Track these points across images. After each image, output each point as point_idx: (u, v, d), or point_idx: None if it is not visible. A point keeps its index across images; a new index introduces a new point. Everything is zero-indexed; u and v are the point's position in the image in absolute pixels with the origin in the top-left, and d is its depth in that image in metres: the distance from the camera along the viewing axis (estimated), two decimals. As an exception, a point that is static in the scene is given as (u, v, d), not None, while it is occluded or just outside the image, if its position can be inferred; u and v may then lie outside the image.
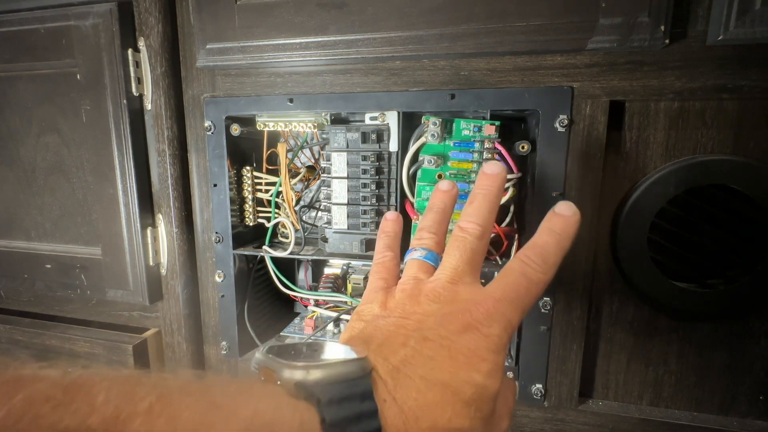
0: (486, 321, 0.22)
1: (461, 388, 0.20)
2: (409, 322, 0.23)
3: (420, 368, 0.21)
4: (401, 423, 0.19)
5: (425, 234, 0.30)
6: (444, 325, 0.22)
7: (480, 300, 0.23)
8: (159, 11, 0.46)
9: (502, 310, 0.23)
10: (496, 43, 0.37)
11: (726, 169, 0.36)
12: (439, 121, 0.41)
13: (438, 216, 0.31)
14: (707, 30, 0.34)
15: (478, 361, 0.21)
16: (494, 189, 0.28)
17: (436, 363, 0.21)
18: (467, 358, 0.21)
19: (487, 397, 0.21)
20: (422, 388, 0.20)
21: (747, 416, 0.40)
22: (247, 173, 0.50)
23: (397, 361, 0.21)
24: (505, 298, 0.23)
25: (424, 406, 0.20)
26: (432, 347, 0.21)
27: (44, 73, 0.50)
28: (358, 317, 0.26)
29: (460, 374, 0.21)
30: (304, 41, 0.41)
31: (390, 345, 0.22)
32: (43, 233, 0.56)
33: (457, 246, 0.26)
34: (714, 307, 0.38)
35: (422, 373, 0.21)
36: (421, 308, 0.24)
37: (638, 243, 0.38)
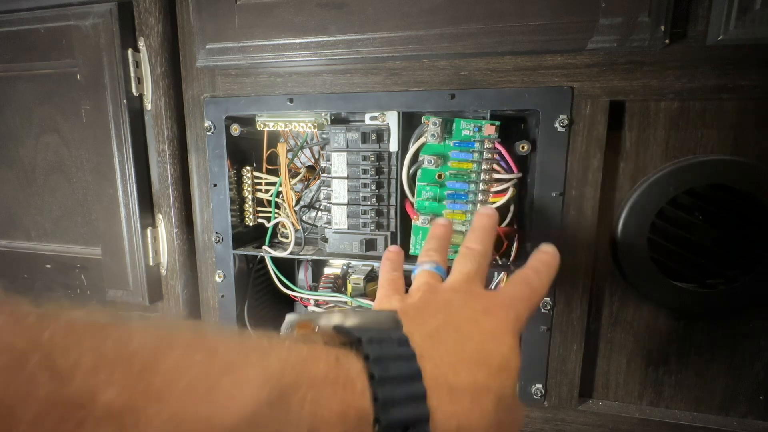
0: (503, 309, 0.25)
1: (491, 355, 0.22)
2: (437, 301, 0.25)
3: (452, 335, 0.22)
4: (440, 374, 0.20)
5: (431, 252, 0.32)
6: (468, 305, 0.24)
7: (494, 294, 0.26)
8: (159, 11, 0.46)
9: (514, 303, 0.26)
10: (496, 43, 0.37)
11: (726, 169, 0.36)
12: (439, 121, 0.41)
13: (440, 241, 0.33)
14: (707, 30, 0.34)
15: (502, 336, 0.23)
16: (491, 223, 0.32)
17: (466, 333, 0.22)
18: (492, 333, 0.23)
19: (512, 369, 0.23)
20: (457, 350, 0.21)
21: (747, 416, 0.40)
22: (247, 173, 0.50)
23: (430, 328, 0.22)
24: (515, 296, 0.26)
25: (461, 362, 0.21)
26: (460, 321, 0.23)
27: (44, 73, 0.50)
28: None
29: (488, 344, 0.22)
30: (304, 41, 0.41)
31: (422, 315, 0.23)
32: (43, 233, 0.56)
33: (466, 258, 0.29)
34: (714, 307, 0.38)
35: (455, 338, 0.22)
36: (443, 296, 0.26)
37: (638, 243, 0.38)
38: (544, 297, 0.30)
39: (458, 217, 0.42)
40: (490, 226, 0.32)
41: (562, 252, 0.39)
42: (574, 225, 0.39)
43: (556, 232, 0.39)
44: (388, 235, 0.45)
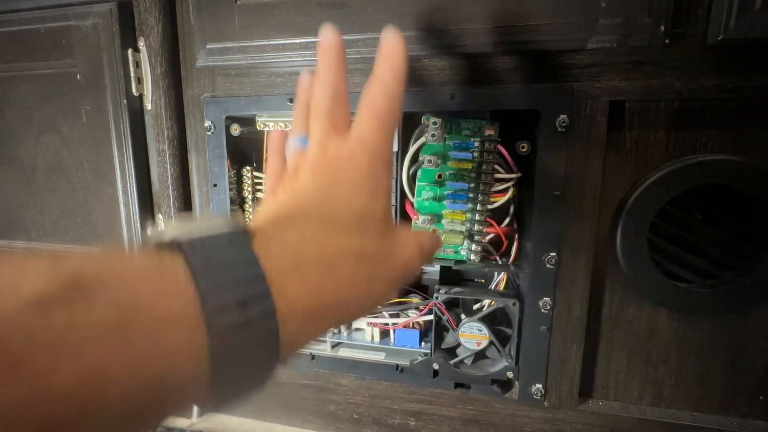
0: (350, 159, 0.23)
1: (339, 218, 0.22)
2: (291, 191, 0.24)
3: (299, 217, 0.21)
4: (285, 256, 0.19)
5: (296, 125, 0.31)
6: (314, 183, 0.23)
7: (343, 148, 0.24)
8: (159, 11, 0.46)
9: (365, 147, 0.24)
10: (495, 43, 0.37)
11: (726, 169, 0.36)
12: (439, 121, 0.40)
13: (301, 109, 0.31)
14: (707, 30, 0.34)
15: (354, 191, 0.22)
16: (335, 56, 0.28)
17: (312, 210, 0.22)
18: (343, 195, 0.22)
19: (367, 220, 0.22)
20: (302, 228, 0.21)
21: (747, 416, 0.40)
22: (247, 173, 0.49)
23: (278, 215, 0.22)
24: (364, 138, 0.24)
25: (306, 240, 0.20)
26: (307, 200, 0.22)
27: (44, 73, 0.50)
28: None
29: (335, 206, 0.22)
30: (304, 41, 0.41)
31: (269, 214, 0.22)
32: (43, 233, 0.56)
33: (314, 120, 0.26)
34: (714, 307, 0.38)
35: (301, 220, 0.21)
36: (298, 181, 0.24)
37: (638, 243, 0.38)
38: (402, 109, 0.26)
39: (458, 217, 0.42)
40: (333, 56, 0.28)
41: (563, 252, 0.39)
42: (574, 225, 0.39)
43: (556, 232, 0.39)
44: (388, 235, 0.44)
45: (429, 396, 0.47)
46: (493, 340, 0.43)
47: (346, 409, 0.50)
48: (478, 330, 0.43)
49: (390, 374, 0.47)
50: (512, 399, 0.44)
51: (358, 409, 0.49)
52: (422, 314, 0.47)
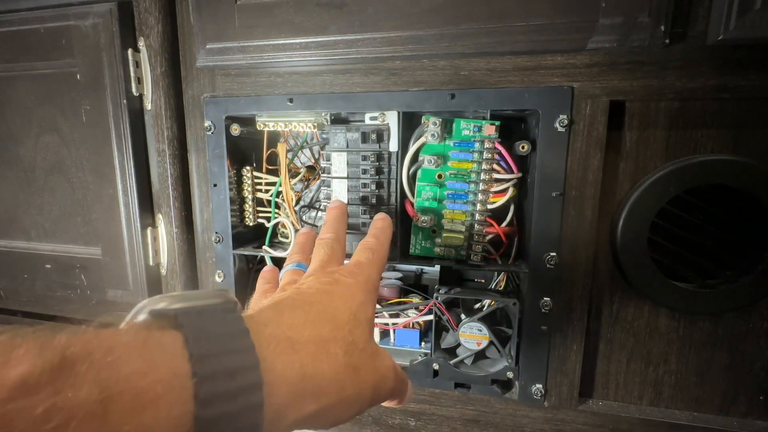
0: (350, 275, 0.28)
1: (338, 312, 0.24)
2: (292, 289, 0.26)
3: (299, 306, 0.24)
4: (280, 333, 0.20)
5: (293, 255, 0.37)
6: (318, 281, 0.27)
7: (342, 267, 0.29)
8: (159, 11, 0.46)
9: (361, 267, 0.29)
10: (496, 43, 0.37)
11: (726, 169, 0.36)
12: (439, 121, 0.40)
13: (301, 245, 0.38)
14: (707, 30, 0.34)
15: (351, 296, 0.26)
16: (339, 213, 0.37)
17: (314, 302, 0.24)
18: (341, 296, 0.26)
19: (362, 321, 0.25)
20: (301, 315, 0.23)
21: (747, 416, 0.40)
22: (247, 173, 0.50)
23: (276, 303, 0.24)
24: (360, 262, 0.30)
25: (304, 323, 0.22)
26: (309, 295, 0.25)
27: (44, 73, 0.50)
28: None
29: (335, 304, 0.25)
30: (304, 41, 0.41)
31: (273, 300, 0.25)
32: (43, 233, 0.56)
33: (318, 248, 0.32)
34: (714, 307, 0.38)
35: (301, 308, 0.23)
36: (298, 284, 0.28)
37: (638, 243, 0.38)
38: (387, 256, 0.33)
39: (458, 217, 0.42)
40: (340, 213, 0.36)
41: (563, 252, 0.39)
42: (574, 225, 0.39)
43: (556, 232, 0.39)
44: (388, 235, 0.45)
45: (429, 396, 0.47)
46: (493, 340, 0.43)
47: (346, 409, 0.50)
48: (478, 330, 0.43)
49: (390, 374, 0.47)
50: (512, 399, 0.44)
51: (358, 409, 0.49)
52: (422, 314, 0.47)
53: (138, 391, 0.14)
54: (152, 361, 0.15)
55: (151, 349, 0.16)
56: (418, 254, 0.45)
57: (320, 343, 0.22)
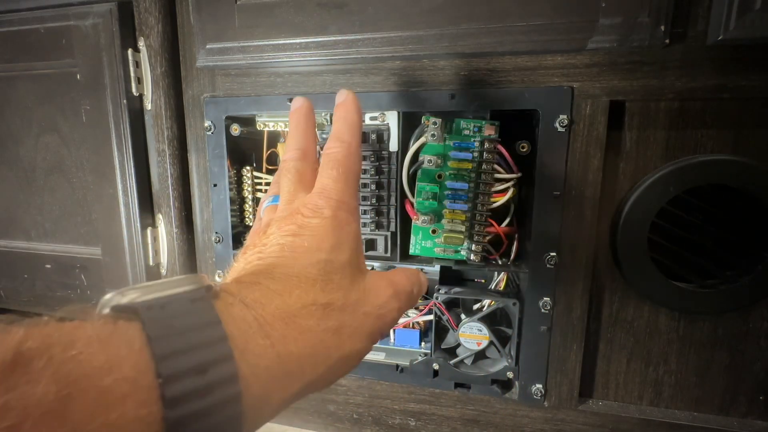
0: (314, 211, 0.23)
1: (303, 270, 0.21)
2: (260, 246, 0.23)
3: (262, 275, 0.21)
4: (247, 314, 0.19)
5: (272, 185, 0.33)
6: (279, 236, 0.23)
7: (306, 200, 0.25)
8: (159, 11, 0.46)
9: (328, 196, 0.24)
10: (496, 43, 0.37)
11: (726, 169, 0.36)
12: (439, 121, 0.40)
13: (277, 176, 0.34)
14: (707, 30, 0.34)
15: (318, 243, 0.22)
16: (302, 116, 0.30)
17: (277, 265, 0.22)
18: (306, 247, 0.22)
19: (334, 269, 0.22)
20: (265, 285, 0.20)
21: (747, 416, 0.40)
22: (247, 173, 0.50)
23: (240, 277, 0.21)
24: (324, 187, 0.25)
25: (269, 294, 0.20)
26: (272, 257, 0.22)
27: (44, 73, 0.50)
28: None
29: (299, 260, 0.22)
30: (304, 41, 0.41)
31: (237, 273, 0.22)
32: (43, 233, 0.56)
33: (283, 177, 0.27)
34: (714, 307, 0.38)
35: (264, 278, 0.21)
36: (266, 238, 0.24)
37: (638, 243, 0.38)
38: (361, 156, 0.28)
39: (458, 217, 0.42)
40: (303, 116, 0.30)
41: (563, 252, 0.39)
42: (574, 225, 0.39)
43: (556, 232, 0.39)
44: (388, 235, 0.45)
45: (429, 396, 0.47)
46: (493, 340, 0.43)
47: (346, 409, 0.50)
48: (478, 330, 0.43)
49: (390, 374, 0.47)
50: (512, 399, 0.44)
51: (358, 409, 0.49)
52: (422, 314, 0.47)
53: (102, 389, 0.13)
54: (117, 357, 0.14)
55: (116, 344, 0.15)
56: (418, 254, 0.45)
57: (288, 319, 0.19)
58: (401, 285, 0.25)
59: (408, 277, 0.26)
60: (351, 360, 0.22)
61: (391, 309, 0.24)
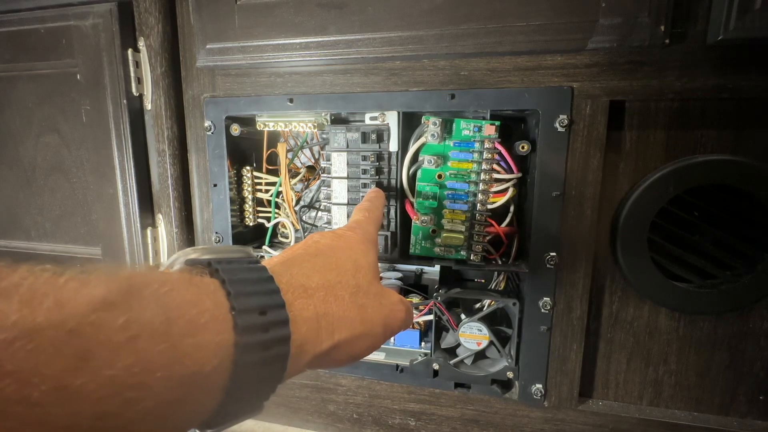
0: (350, 230, 0.31)
1: (341, 261, 0.27)
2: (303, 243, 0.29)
3: (307, 259, 0.26)
4: (293, 281, 0.23)
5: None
6: (325, 237, 0.29)
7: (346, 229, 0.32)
8: (159, 11, 0.46)
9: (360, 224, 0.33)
10: (496, 43, 0.37)
11: (726, 169, 0.36)
12: (439, 121, 0.40)
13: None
14: (707, 30, 0.34)
15: (352, 247, 0.29)
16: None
17: (319, 253, 0.27)
18: (343, 248, 0.28)
19: (363, 267, 0.28)
20: (309, 266, 0.25)
21: (747, 416, 0.40)
22: (247, 173, 0.50)
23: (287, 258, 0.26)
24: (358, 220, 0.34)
25: (312, 272, 0.25)
26: (316, 249, 0.28)
27: (44, 73, 0.50)
28: None
29: (338, 255, 0.27)
30: (304, 41, 0.41)
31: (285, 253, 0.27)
32: (43, 233, 0.56)
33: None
34: (714, 307, 0.38)
35: (308, 260, 0.26)
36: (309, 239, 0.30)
37: (638, 243, 0.38)
38: (381, 217, 0.37)
39: (458, 217, 0.42)
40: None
41: (563, 252, 0.39)
42: (574, 225, 0.39)
43: (556, 232, 0.39)
44: (388, 235, 0.45)
45: (429, 396, 0.47)
46: (493, 340, 0.43)
47: (346, 409, 0.50)
48: (478, 330, 0.43)
49: (390, 374, 0.47)
50: (512, 399, 0.44)
51: (358, 409, 0.49)
52: (422, 314, 0.47)
53: (190, 317, 0.17)
54: (199, 295, 0.18)
55: (197, 285, 0.19)
56: (418, 254, 0.45)
57: (328, 288, 0.24)
58: (404, 299, 0.31)
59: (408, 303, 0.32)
60: (369, 340, 0.26)
61: (400, 309, 0.29)
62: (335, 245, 0.29)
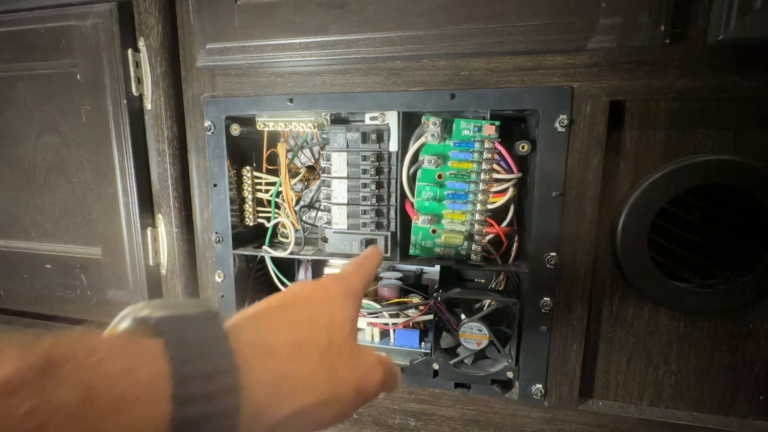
0: (332, 281, 0.29)
1: (316, 316, 0.25)
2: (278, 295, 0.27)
3: (277, 311, 0.25)
4: (257, 338, 0.21)
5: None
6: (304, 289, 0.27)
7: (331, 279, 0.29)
8: (159, 11, 0.46)
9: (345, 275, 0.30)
10: (496, 43, 0.37)
11: (726, 169, 0.36)
12: (439, 121, 0.41)
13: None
14: (707, 30, 0.34)
15: (330, 301, 0.27)
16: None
17: (293, 306, 0.25)
18: (319, 300, 0.26)
19: (339, 323, 0.25)
20: (279, 320, 0.24)
21: (747, 416, 0.40)
22: (247, 173, 0.50)
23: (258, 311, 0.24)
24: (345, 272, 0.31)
25: (281, 327, 0.23)
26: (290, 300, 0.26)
27: (44, 73, 0.50)
28: None
29: (313, 309, 0.25)
30: (304, 41, 0.41)
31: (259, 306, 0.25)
32: (43, 233, 0.56)
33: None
34: (714, 307, 0.38)
35: (280, 313, 0.24)
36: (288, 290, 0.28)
37: (638, 243, 0.38)
38: (373, 274, 0.34)
39: (458, 217, 0.42)
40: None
41: (563, 252, 0.39)
42: (574, 225, 0.39)
43: (556, 232, 0.39)
44: (388, 235, 0.45)
45: (429, 396, 0.47)
46: (493, 340, 0.43)
47: (346, 409, 0.50)
48: (478, 330, 0.43)
49: (390, 374, 0.47)
50: (512, 399, 0.44)
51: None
52: (422, 314, 0.47)
53: (118, 392, 0.15)
54: (133, 364, 0.16)
55: (133, 352, 0.17)
56: (418, 254, 0.45)
57: (295, 346, 0.22)
58: (385, 359, 0.29)
59: (389, 359, 0.30)
60: (337, 406, 0.24)
61: (377, 372, 0.27)
62: (313, 297, 0.26)
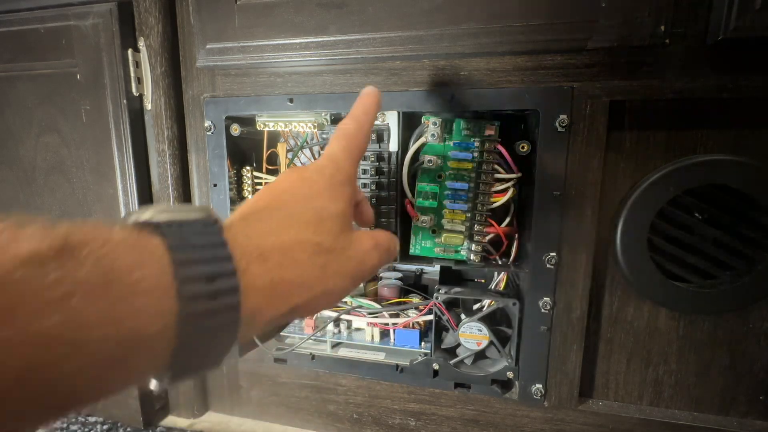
0: (318, 170, 0.28)
1: (303, 213, 0.25)
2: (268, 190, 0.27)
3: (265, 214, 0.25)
4: (250, 243, 0.22)
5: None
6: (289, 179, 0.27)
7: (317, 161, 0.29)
8: (159, 11, 0.46)
9: (334, 158, 0.28)
10: (496, 43, 0.37)
11: (726, 169, 0.36)
12: (439, 121, 0.40)
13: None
14: (707, 30, 0.34)
15: (314, 195, 0.26)
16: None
17: (278, 207, 0.25)
18: (305, 196, 0.26)
19: (328, 217, 0.25)
20: (267, 223, 0.24)
21: (747, 416, 0.40)
22: (247, 173, 0.49)
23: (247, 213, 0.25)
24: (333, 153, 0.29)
25: (270, 230, 0.23)
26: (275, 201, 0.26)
27: (44, 73, 0.50)
28: None
29: (298, 205, 0.25)
30: (304, 41, 0.41)
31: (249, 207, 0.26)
32: (43, 233, 0.56)
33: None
34: (714, 307, 0.38)
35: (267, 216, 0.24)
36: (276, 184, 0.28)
37: (638, 243, 0.38)
38: (368, 135, 0.31)
39: (458, 217, 0.42)
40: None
41: (563, 252, 0.39)
42: (574, 225, 0.39)
43: (556, 232, 0.39)
44: (388, 235, 0.45)
45: (429, 396, 0.47)
46: (493, 340, 0.43)
47: (346, 409, 0.50)
48: (478, 330, 0.43)
49: (390, 374, 0.47)
50: (512, 399, 0.44)
51: (358, 409, 0.49)
52: (422, 314, 0.47)
53: (130, 282, 0.16)
54: (142, 259, 0.17)
55: (140, 249, 0.17)
56: (418, 254, 0.45)
57: (284, 251, 0.23)
58: (381, 240, 0.29)
59: (386, 235, 0.30)
60: (332, 296, 0.25)
61: (372, 257, 0.27)
62: (298, 194, 0.26)
